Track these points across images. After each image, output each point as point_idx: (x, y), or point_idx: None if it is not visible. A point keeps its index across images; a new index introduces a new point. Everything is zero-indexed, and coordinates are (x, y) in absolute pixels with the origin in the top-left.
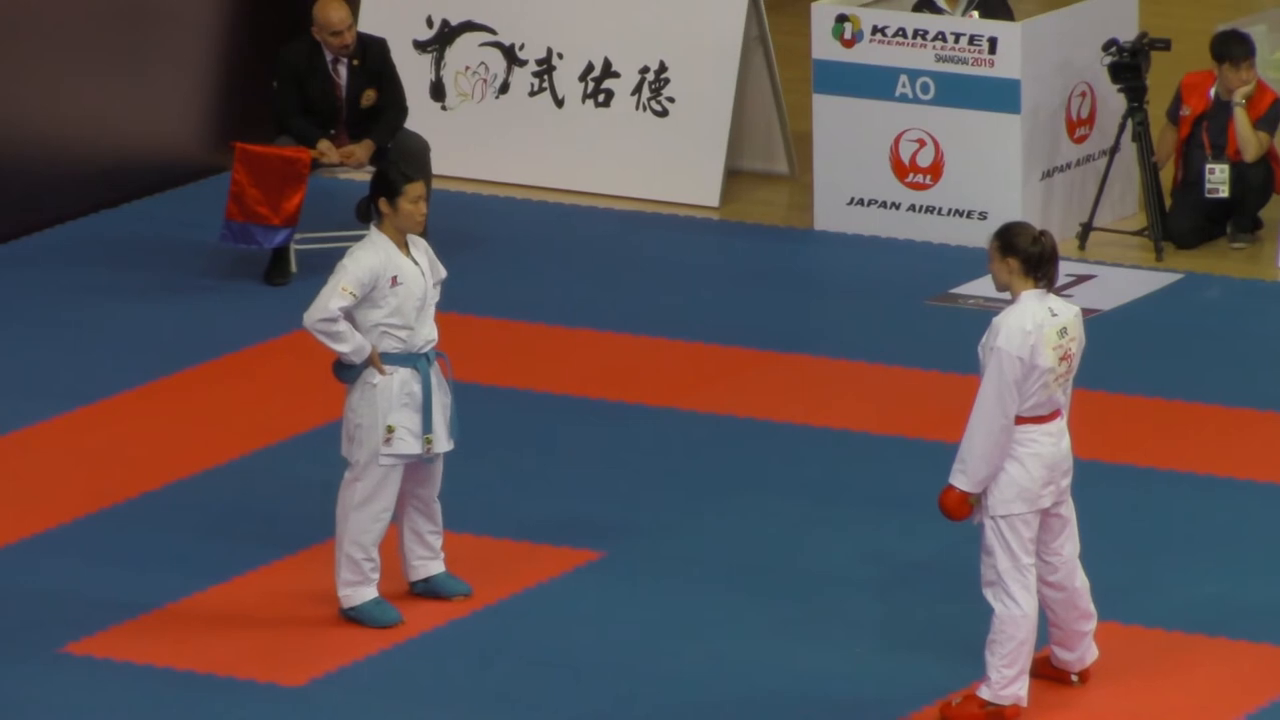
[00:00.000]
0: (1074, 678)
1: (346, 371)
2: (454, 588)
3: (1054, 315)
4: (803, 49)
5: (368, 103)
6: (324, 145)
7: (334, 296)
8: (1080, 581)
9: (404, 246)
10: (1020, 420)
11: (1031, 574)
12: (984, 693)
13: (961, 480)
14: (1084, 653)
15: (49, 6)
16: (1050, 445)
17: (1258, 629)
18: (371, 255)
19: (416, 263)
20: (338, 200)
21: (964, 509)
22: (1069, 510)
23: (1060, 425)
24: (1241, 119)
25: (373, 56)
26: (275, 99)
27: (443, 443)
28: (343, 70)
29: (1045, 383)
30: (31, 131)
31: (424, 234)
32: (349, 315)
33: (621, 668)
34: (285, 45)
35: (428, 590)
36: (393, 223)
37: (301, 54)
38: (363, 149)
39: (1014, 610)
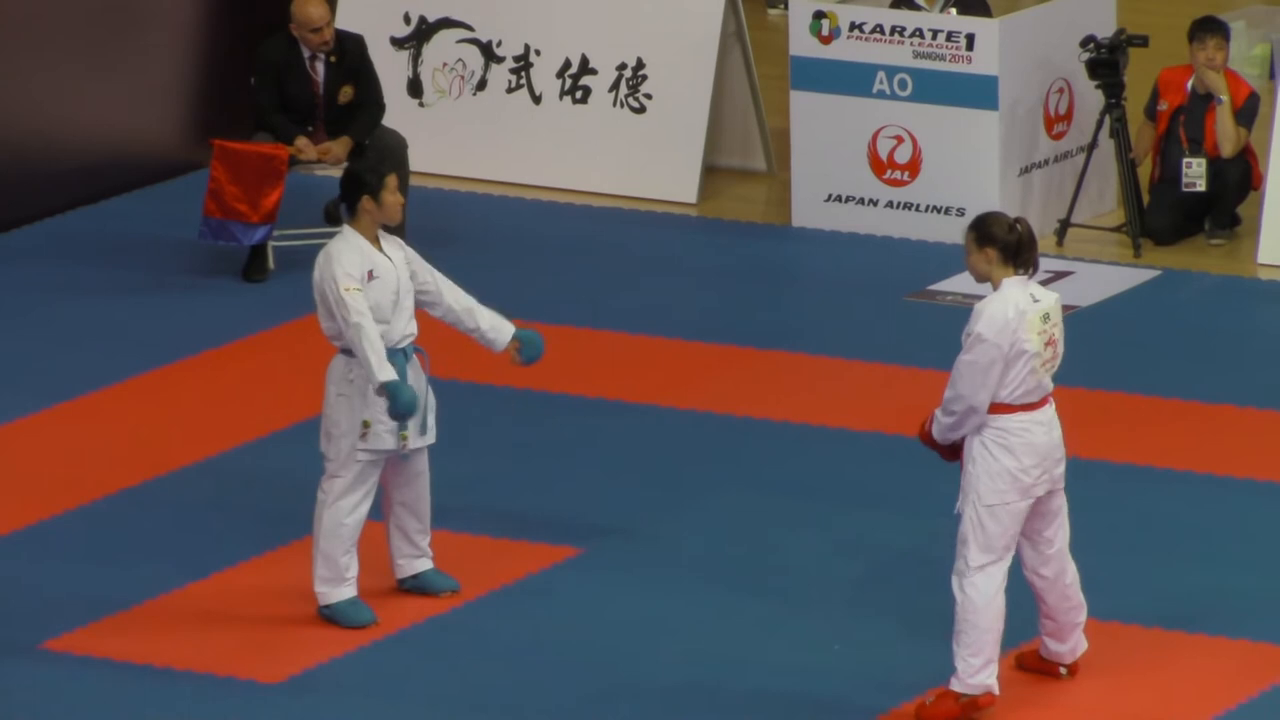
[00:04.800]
0: (1063, 670)
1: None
2: (442, 584)
3: (1036, 301)
4: (780, 45)
5: (345, 99)
6: (302, 142)
7: (353, 304)
8: (1072, 571)
9: (376, 242)
10: (1012, 409)
11: (1001, 567)
12: (955, 685)
13: (936, 428)
14: (1075, 644)
15: (26, 3)
16: (1043, 434)
17: (1237, 624)
18: (348, 251)
19: (390, 258)
20: (315, 197)
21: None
22: (1061, 499)
23: (1051, 413)
24: (1224, 114)
25: (350, 53)
26: (253, 96)
27: (417, 438)
28: (320, 67)
29: (1033, 368)
30: (9, 128)
31: (402, 233)
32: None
33: (600, 664)
34: (263, 42)
35: (416, 587)
36: (376, 217)
37: (279, 51)
38: (340, 145)
39: (976, 598)
